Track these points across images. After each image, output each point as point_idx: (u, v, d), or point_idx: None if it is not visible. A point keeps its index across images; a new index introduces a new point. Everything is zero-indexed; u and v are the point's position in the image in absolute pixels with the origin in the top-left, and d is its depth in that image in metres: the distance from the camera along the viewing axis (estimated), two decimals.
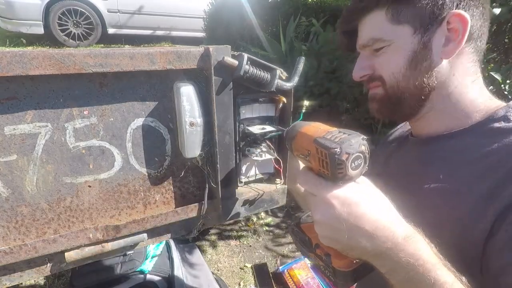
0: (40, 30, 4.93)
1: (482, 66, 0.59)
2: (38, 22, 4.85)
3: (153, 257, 1.58)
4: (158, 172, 0.57)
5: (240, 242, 2.12)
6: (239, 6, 3.63)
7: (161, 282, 1.48)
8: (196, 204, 0.59)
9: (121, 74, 0.48)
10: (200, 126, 0.53)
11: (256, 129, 0.60)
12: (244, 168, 0.65)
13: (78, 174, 0.51)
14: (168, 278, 1.51)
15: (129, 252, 1.46)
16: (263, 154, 0.62)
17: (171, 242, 1.72)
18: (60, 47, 5.05)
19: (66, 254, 0.51)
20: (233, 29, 3.75)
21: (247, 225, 2.27)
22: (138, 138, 0.53)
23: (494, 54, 1.81)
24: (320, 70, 2.58)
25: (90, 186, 0.52)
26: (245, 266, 1.94)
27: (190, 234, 0.64)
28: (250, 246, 2.10)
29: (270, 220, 2.33)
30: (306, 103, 0.65)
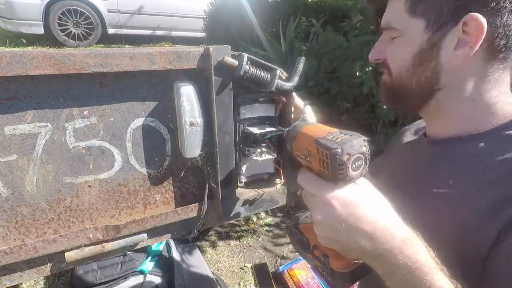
0: (40, 30, 4.93)
1: None
2: (38, 22, 4.86)
3: (153, 257, 1.58)
4: (158, 172, 0.57)
5: (240, 242, 2.12)
6: (239, 6, 3.63)
7: (161, 282, 1.48)
8: (196, 204, 0.59)
9: (121, 74, 0.48)
10: (200, 126, 0.53)
11: (256, 129, 0.60)
12: (244, 168, 0.65)
13: (78, 174, 0.51)
14: (168, 278, 1.51)
15: (129, 252, 1.46)
16: (263, 154, 0.62)
17: (171, 242, 1.72)
18: (60, 47, 5.05)
19: (66, 254, 0.51)
20: (233, 29, 3.75)
21: (247, 225, 2.27)
22: (138, 138, 0.53)
23: None
24: (320, 70, 2.58)
25: (90, 186, 0.52)
26: (245, 266, 1.94)
27: (190, 234, 0.64)
28: (250, 246, 2.10)
29: (270, 220, 2.33)
30: (306, 103, 0.64)
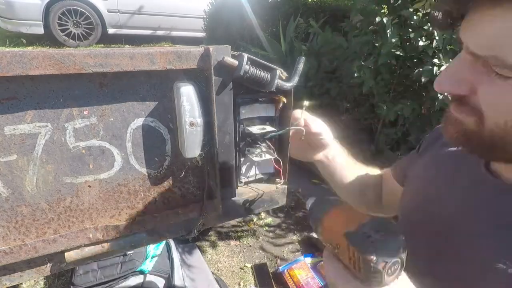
0: (40, 30, 4.93)
1: None
2: (38, 22, 4.85)
3: (153, 257, 1.58)
4: (158, 172, 0.57)
5: (240, 242, 2.12)
6: (239, 6, 3.64)
7: (161, 282, 1.48)
8: (196, 204, 0.59)
9: (121, 74, 0.48)
10: (200, 126, 0.53)
11: (256, 129, 0.60)
12: (244, 168, 0.65)
13: (78, 174, 0.51)
14: (168, 278, 1.51)
15: (129, 252, 1.46)
16: (263, 154, 0.62)
17: (171, 242, 1.72)
18: (60, 47, 5.05)
19: (66, 254, 0.51)
20: (233, 29, 3.76)
21: (247, 225, 2.27)
22: (138, 138, 0.53)
23: None
24: (320, 70, 2.59)
25: (90, 186, 0.52)
26: (245, 266, 1.94)
27: (190, 234, 0.64)
28: (250, 246, 2.10)
29: (270, 220, 2.32)
30: (306, 103, 0.64)
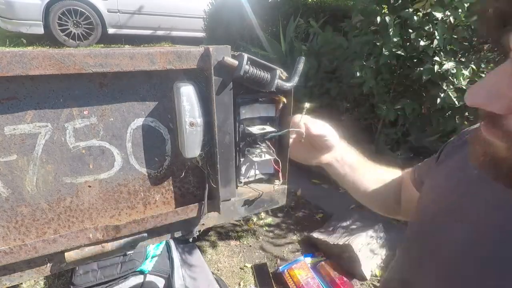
0: (40, 30, 4.93)
1: (482, 66, 0.48)
2: (38, 22, 4.86)
3: (153, 257, 1.58)
4: (158, 172, 0.57)
5: (240, 242, 2.12)
6: (239, 6, 3.64)
7: (161, 282, 1.48)
8: (196, 204, 0.59)
9: (121, 74, 0.48)
10: (200, 126, 0.53)
11: (256, 129, 0.60)
12: (244, 168, 0.65)
13: (78, 174, 0.51)
14: (168, 278, 1.51)
15: (129, 252, 1.46)
16: (263, 155, 0.62)
17: (171, 242, 1.72)
18: (60, 47, 5.05)
19: (66, 254, 0.51)
20: (233, 29, 3.76)
21: (247, 225, 2.27)
22: (138, 138, 0.53)
23: (494, 54, 1.80)
24: (320, 70, 2.59)
25: (90, 186, 0.52)
26: (245, 266, 1.94)
27: (190, 234, 0.64)
28: (250, 246, 2.10)
29: (270, 220, 2.33)
30: (307, 106, 0.64)
